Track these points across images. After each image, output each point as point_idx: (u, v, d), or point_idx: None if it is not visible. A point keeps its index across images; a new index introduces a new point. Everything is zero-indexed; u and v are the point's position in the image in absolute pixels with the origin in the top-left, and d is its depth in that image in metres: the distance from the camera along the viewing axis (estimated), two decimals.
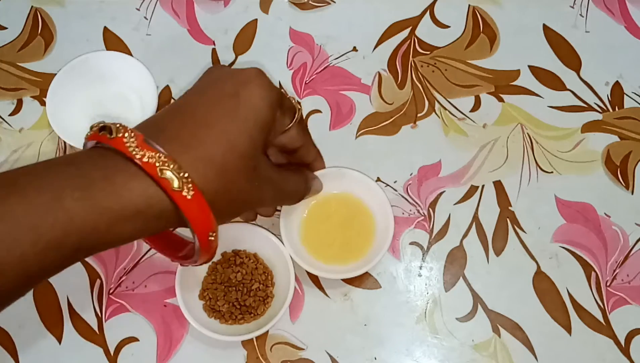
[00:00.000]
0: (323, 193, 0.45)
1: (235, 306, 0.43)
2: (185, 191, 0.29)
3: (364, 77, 0.53)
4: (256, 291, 0.44)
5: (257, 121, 0.33)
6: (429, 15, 0.56)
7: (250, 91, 0.33)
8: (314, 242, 0.45)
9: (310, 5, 0.56)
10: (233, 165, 0.31)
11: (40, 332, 0.44)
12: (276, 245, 0.44)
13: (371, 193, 0.45)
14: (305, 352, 0.43)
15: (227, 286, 0.44)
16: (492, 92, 0.52)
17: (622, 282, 0.45)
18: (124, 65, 0.50)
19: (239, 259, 0.45)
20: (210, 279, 0.44)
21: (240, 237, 0.45)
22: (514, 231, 0.47)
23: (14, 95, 0.52)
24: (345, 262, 0.44)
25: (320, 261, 0.44)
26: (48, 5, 0.56)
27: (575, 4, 0.57)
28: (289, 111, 0.37)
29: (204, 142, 0.31)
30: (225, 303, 0.43)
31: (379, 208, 0.45)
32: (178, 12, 0.56)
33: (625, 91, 0.52)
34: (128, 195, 0.28)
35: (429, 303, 0.45)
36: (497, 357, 0.43)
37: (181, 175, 0.28)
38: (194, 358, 0.43)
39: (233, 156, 0.31)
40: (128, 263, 0.46)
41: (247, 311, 0.43)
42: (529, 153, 0.50)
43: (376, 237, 0.44)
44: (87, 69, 0.50)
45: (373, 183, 0.45)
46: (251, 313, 0.43)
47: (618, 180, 0.49)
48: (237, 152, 0.32)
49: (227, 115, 0.32)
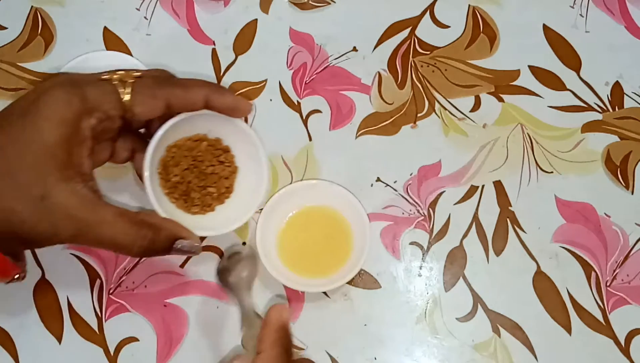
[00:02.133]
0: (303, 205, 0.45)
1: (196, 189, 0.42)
2: None
3: (364, 77, 0.53)
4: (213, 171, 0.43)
5: (44, 145, 0.30)
6: (429, 15, 0.56)
7: (38, 111, 0.31)
8: (289, 253, 0.45)
9: (310, 5, 0.56)
10: (9, 194, 0.30)
11: (40, 332, 0.44)
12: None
13: (351, 207, 0.45)
14: (305, 352, 0.43)
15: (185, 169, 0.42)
16: (492, 92, 0.52)
17: (622, 282, 0.45)
18: (124, 65, 0.50)
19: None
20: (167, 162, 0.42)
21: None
22: (514, 231, 0.47)
23: (14, 95, 0.52)
24: (319, 275, 0.44)
25: (295, 272, 0.44)
26: (48, 5, 0.56)
27: (575, 4, 0.57)
28: (108, 103, 0.33)
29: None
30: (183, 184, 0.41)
31: (357, 223, 0.45)
32: (178, 12, 0.56)
33: (625, 91, 0.52)
34: None
35: (429, 303, 0.45)
36: (497, 357, 0.43)
37: None
38: (194, 358, 0.43)
39: (10, 187, 0.30)
40: (128, 263, 0.46)
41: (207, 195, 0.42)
42: (529, 153, 0.50)
43: (353, 251, 0.44)
44: (87, 69, 0.49)
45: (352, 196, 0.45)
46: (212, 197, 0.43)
47: (618, 180, 0.49)
48: (15, 181, 0.30)
49: (9, 141, 0.30)
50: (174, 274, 0.45)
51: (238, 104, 0.38)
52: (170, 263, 0.46)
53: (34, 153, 0.30)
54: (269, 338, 0.34)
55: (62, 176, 0.31)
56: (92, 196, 0.32)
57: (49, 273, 0.45)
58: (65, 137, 0.30)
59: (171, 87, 0.35)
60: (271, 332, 0.35)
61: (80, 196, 0.32)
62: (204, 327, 0.44)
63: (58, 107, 0.30)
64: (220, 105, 0.37)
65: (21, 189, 0.30)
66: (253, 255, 0.44)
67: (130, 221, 0.33)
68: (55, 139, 0.30)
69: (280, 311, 0.36)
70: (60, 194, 0.31)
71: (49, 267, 0.45)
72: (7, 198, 0.30)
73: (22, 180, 0.30)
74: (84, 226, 0.32)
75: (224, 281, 0.44)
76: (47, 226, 0.31)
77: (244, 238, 0.46)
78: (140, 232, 0.34)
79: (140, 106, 0.34)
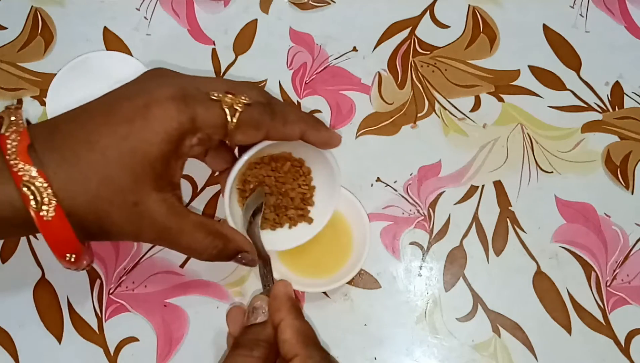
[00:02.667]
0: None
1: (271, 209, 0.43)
2: (45, 211, 0.29)
3: (364, 77, 0.53)
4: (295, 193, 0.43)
5: (146, 157, 0.31)
6: (429, 15, 0.56)
7: (146, 121, 0.31)
8: (289, 253, 0.44)
9: (310, 5, 0.56)
10: (106, 197, 0.30)
11: (40, 332, 0.44)
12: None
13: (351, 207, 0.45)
14: None
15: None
16: (492, 92, 0.52)
17: (622, 282, 0.45)
18: (124, 65, 0.50)
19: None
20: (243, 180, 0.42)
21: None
22: (514, 231, 0.47)
23: (14, 95, 0.52)
24: (319, 275, 0.44)
25: (295, 272, 0.44)
26: (48, 5, 0.56)
27: (575, 4, 0.57)
28: (214, 127, 0.33)
29: (81, 163, 0.30)
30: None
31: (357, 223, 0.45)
32: (178, 12, 0.56)
33: (625, 91, 0.53)
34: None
35: (429, 303, 0.45)
36: (497, 357, 0.43)
37: (45, 195, 0.28)
38: (194, 358, 0.43)
39: (108, 190, 0.30)
40: (128, 263, 0.46)
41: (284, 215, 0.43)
42: (529, 153, 0.50)
43: (353, 251, 0.44)
44: (87, 69, 0.50)
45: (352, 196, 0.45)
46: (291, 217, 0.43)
47: (618, 180, 0.49)
48: (114, 186, 0.30)
49: (113, 143, 0.30)
50: (174, 274, 0.45)
51: (331, 140, 0.39)
52: (170, 263, 0.46)
53: (136, 162, 0.30)
54: (284, 306, 0.37)
55: (156, 186, 0.32)
56: (178, 205, 0.34)
57: (49, 273, 0.45)
58: (168, 152, 0.31)
59: (272, 120, 0.35)
60: (283, 301, 0.38)
61: (168, 204, 0.33)
62: (204, 327, 0.44)
63: (167, 125, 0.31)
64: (314, 140, 0.38)
65: (119, 194, 0.31)
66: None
67: (206, 232, 0.35)
68: (158, 153, 0.31)
69: (285, 285, 0.40)
70: (152, 203, 0.32)
71: (49, 267, 0.45)
72: (105, 202, 0.30)
73: (121, 186, 0.30)
74: (166, 232, 0.33)
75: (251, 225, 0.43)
76: (133, 229, 0.32)
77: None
78: (213, 242, 0.36)
79: (242, 135, 0.34)
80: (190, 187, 0.48)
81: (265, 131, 0.35)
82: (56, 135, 0.30)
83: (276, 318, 0.37)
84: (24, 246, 0.46)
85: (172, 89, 0.32)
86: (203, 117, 0.32)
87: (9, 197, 0.29)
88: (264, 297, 0.39)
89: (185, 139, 0.32)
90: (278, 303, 0.38)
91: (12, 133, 0.29)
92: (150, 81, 0.34)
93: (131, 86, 0.33)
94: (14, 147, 0.28)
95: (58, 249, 0.31)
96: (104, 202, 0.31)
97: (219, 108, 0.33)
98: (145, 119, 0.31)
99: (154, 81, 0.33)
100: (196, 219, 0.35)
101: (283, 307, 0.38)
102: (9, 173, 0.29)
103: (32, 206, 0.29)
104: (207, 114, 0.32)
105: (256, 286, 0.45)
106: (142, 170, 0.31)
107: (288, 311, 0.37)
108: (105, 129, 0.30)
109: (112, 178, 0.30)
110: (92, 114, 0.31)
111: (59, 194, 0.29)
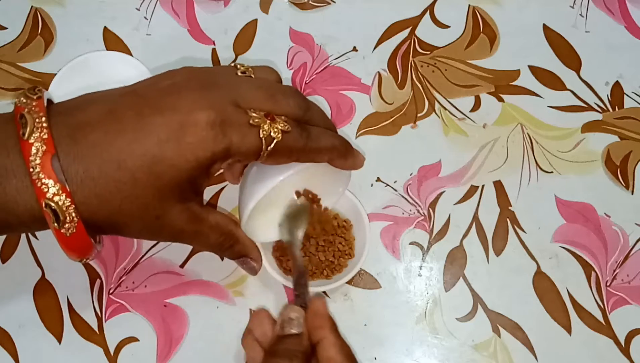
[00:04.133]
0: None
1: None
2: (65, 229, 0.28)
3: (364, 77, 0.53)
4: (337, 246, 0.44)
5: (175, 180, 0.30)
6: (429, 15, 0.56)
7: (179, 147, 0.30)
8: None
9: (310, 5, 0.56)
10: (129, 213, 0.30)
11: (40, 332, 0.44)
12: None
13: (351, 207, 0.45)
14: None
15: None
16: (492, 92, 0.52)
17: (622, 282, 0.45)
18: (124, 65, 0.50)
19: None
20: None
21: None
22: (514, 231, 0.47)
23: (14, 95, 0.52)
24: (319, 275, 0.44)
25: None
26: (48, 5, 0.56)
27: (575, 4, 0.57)
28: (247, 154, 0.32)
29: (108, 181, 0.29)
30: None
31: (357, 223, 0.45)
32: (178, 12, 0.56)
33: (625, 91, 0.53)
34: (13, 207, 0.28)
35: (429, 303, 0.45)
36: (497, 357, 0.43)
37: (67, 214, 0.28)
38: (194, 358, 0.43)
39: (132, 206, 0.30)
40: (128, 263, 0.46)
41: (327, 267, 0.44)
42: (529, 153, 0.50)
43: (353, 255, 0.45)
44: (87, 69, 0.50)
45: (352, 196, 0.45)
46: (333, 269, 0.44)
47: (618, 180, 0.49)
48: (138, 203, 0.30)
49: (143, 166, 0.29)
50: (174, 274, 0.45)
51: (354, 166, 0.39)
52: (170, 263, 0.46)
53: (164, 184, 0.30)
54: (327, 324, 0.37)
55: (180, 199, 0.32)
56: (199, 211, 0.34)
57: (49, 273, 0.45)
58: (197, 176, 0.31)
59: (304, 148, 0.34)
60: (325, 319, 0.37)
61: (190, 212, 0.33)
62: (204, 327, 0.44)
63: (201, 154, 0.30)
64: (339, 166, 0.38)
65: (142, 210, 0.30)
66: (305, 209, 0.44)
67: (219, 233, 0.36)
68: (187, 177, 0.31)
69: (324, 302, 0.39)
70: (174, 214, 0.32)
71: (49, 267, 0.45)
72: (127, 216, 0.30)
73: (145, 204, 0.30)
74: (182, 235, 0.34)
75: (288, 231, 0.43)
76: (150, 235, 0.33)
77: None
78: (225, 242, 0.37)
79: (272, 161, 0.34)
80: None
81: (295, 159, 0.35)
82: (81, 143, 0.29)
83: (318, 335, 0.37)
84: (24, 246, 0.46)
85: (211, 112, 0.30)
86: (238, 146, 0.31)
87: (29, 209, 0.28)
88: (299, 309, 0.38)
89: (216, 164, 0.31)
90: (320, 320, 0.37)
91: (36, 141, 0.28)
92: (187, 91, 0.31)
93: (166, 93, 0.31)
94: (38, 158, 0.27)
95: (74, 255, 0.31)
96: (125, 216, 0.30)
97: (255, 137, 0.31)
98: (179, 145, 0.30)
99: (191, 94, 0.31)
100: (213, 221, 0.35)
101: (325, 325, 0.37)
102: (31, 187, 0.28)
103: (54, 225, 0.28)
104: (243, 143, 0.31)
105: (256, 287, 0.45)
106: (170, 191, 0.30)
107: (330, 330, 0.37)
108: (136, 148, 0.29)
109: (137, 196, 0.30)
110: (122, 126, 0.30)
111: (80, 207, 0.29)
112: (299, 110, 0.35)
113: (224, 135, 0.30)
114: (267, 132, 0.32)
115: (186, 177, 0.31)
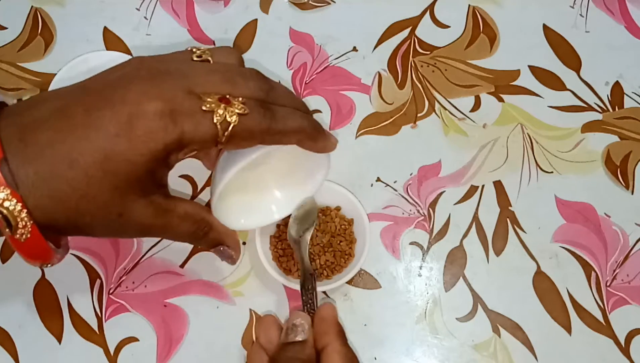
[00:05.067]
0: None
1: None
2: (19, 234, 0.27)
3: (364, 77, 0.53)
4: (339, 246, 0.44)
5: (131, 175, 0.29)
6: (429, 15, 0.56)
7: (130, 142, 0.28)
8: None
9: (310, 5, 0.56)
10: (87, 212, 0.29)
11: (40, 332, 0.44)
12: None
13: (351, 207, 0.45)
14: None
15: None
16: (492, 92, 0.52)
17: (622, 282, 0.45)
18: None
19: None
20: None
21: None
22: (514, 231, 0.47)
23: (14, 95, 0.52)
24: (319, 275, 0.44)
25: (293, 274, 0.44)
26: (48, 5, 0.56)
27: (575, 4, 0.57)
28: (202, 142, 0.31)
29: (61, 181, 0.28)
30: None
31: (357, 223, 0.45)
32: (178, 12, 0.56)
33: (625, 91, 0.53)
34: None
35: (429, 303, 0.45)
36: (497, 357, 0.43)
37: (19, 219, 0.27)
38: (194, 358, 0.43)
39: (90, 206, 0.29)
40: (128, 263, 0.46)
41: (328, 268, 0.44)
42: (529, 153, 0.50)
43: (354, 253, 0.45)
44: (87, 69, 0.50)
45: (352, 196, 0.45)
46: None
47: (618, 180, 0.49)
48: (96, 202, 0.29)
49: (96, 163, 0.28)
50: (174, 274, 0.45)
51: (325, 149, 0.37)
52: (170, 263, 0.46)
53: (120, 180, 0.29)
54: (332, 331, 0.36)
55: (141, 193, 0.31)
56: (164, 202, 0.33)
57: (49, 273, 0.45)
58: (153, 168, 0.30)
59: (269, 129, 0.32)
60: (331, 325, 0.37)
61: (154, 206, 0.32)
62: (204, 327, 0.44)
63: (152, 146, 0.29)
64: (309, 148, 0.36)
65: (101, 209, 0.30)
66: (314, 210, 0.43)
67: (191, 221, 0.35)
68: (143, 171, 0.29)
69: (333, 308, 0.39)
70: (138, 209, 0.31)
71: (48, 267, 0.45)
72: (87, 216, 0.29)
73: (104, 201, 0.29)
74: (151, 229, 0.33)
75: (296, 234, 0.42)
76: (116, 233, 0.32)
77: (244, 239, 0.46)
78: (198, 231, 0.35)
79: (233, 146, 0.32)
80: (190, 187, 0.48)
81: (260, 140, 0.33)
82: (31, 144, 0.28)
83: (322, 341, 0.36)
84: None
85: (159, 102, 0.29)
86: (191, 135, 0.30)
87: None
88: (305, 315, 0.37)
89: (171, 155, 0.30)
90: (326, 326, 0.37)
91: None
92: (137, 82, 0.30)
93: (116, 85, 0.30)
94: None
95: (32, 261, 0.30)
96: (84, 216, 0.29)
97: (209, 123, 0.30)
98: (130, 138, 0.28)
99: (140, 84, 0.30)
100: (182, 211, 0.34)
101: (331, 331, 0.36)
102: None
103: (6, 231, 0.27)
104: (196, 131, 0.30)
105: (256, 287, 0.45)
106: (127, 185, 0.29)
107: (335, 336, 0.36)
108: (87, 145, 0.28)
109: (94, 195, 0.29)
110: (72, 123, 0.28)
111: (34, 212, 0.28)
112: (260, 91, 0.33)
113: (175, 124, 0.29)
114: (221, 117, 0.30)
115: (143, 171, 0.29)
